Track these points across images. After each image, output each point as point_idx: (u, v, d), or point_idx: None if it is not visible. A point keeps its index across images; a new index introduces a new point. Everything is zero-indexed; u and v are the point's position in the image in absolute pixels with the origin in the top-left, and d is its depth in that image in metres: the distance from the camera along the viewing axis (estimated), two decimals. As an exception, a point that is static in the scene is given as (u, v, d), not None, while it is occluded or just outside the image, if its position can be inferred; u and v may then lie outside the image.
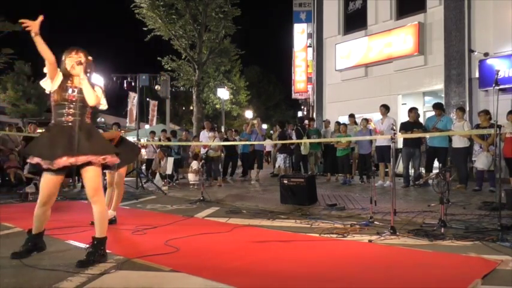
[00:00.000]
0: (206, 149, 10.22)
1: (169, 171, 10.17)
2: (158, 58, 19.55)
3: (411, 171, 8.94)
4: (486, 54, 10.25)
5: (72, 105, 3.32)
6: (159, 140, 12.64)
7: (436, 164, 8.55)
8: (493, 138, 7.05)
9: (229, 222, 5.17)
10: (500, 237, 3.87)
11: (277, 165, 11.04)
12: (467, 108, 10.40)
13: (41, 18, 3.21)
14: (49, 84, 3.36)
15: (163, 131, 13.12)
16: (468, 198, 6.63)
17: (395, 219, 4.56)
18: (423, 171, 8.89)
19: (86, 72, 3.38)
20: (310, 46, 21.90)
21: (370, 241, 4.02)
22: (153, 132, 13.72)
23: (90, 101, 3.35)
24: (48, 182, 3.30)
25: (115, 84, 9.74)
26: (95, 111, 3.53)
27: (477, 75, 10.50)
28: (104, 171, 5.11)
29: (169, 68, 19.48)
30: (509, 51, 9.96)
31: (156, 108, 17.28)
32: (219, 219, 5.40)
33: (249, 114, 33.82)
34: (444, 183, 4.78)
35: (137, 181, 9.37)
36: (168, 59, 19.68)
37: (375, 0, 13.25)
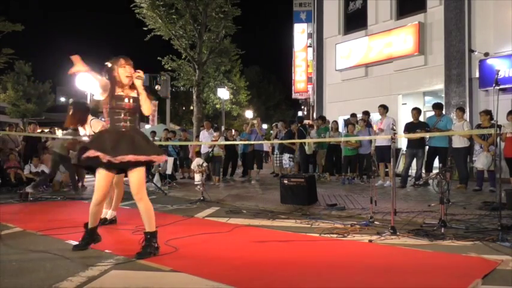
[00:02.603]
0: (211, 148, 10.21)
1: (169, 171, 10.17)
2: (158, 58, 19.54)
3: (411, 172, 8.92)
4: (486, 54, 10.25)
5: (127, 113, 3.58)
6: (160, 140, 12.64)
7: (436, 164, 8.54)
8: (493, 138, 7.04)
9: (229, 222, 5.17)
10: (500, 237, 3.88)
11: (285, 167, 10.98)
12: (468, 108, 10.39)
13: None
14: (101, 96, 3.60)
15: (166, 130, 13.10)
16: (468, 198, 6.62)
17: (395, 219, 4.56)
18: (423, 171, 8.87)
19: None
20: (310, 46, 21.91)
21: (370, 241, 4.02)
22: (153, 132, 13.73)
23: (146, 111, 3.65)
24: (103, 179, 3.53)
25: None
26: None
27: (477, 75, 10.50)
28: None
29: (169, 68, 19.46)
30: (509, 51, 9.95)
31: (156, 108, 17.27)
32: (219, 219, 5.40)
33: (249, 114, 33.81)
34: (444, 183, 4.78)
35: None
36: (168, 59, 19.65)
37: (375, 0, 13.25)
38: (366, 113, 10.72)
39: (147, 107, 3.63)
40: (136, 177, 3.53)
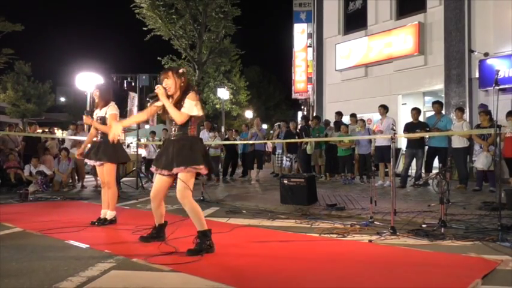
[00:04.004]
0: (207, 148, 10.22)
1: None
2: (158, 58, 19.56)
3: (410, 172, 8.92)
4: (486, 54, 10.25)
5: (172, 121, 3.67)
6: (160, 140, 12.64)
7: (436, 164, 8.54)
8: (493, 138, 7.04)
9: (229, 222, 5.17)
10: (500, 237, 3.87)
11: (284, 167, 10.95)
12: (467, 109, 10.40)
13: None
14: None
15: (165, 129, 13.10)
16: (468, 198, 6.63)
17: (395, 219, 4.55)
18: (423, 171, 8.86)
19: (167, 96, 3.67)
20: (310, 46, 21.87)
21: (370, 241, 4.02)
22: (153, 132, 13.74)
23: (176, 120, 3.62)
24: (156, 181, 3.83)
25: (115, 84, 9.74)
26: (200, 121, 3.92)
27: (477, 75, 10.50)
28: (92, 164, 5.13)
29: (169, 68, 19.45)
30: (509, 51, 9.95)
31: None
32: (219, 219, 5.39)
33: (249, 114, 33.79)
34: (444, 183, 4.78)
35: (137, 181, 9.37)
36: (168, 59, 19.67)
37: (375, 0, 13.25)
38: (339, 114, 11.09)
39: (174, 116, 3.60)
40: (178, 185, 3.60)
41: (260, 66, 46.54)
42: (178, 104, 3.63)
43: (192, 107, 3.60)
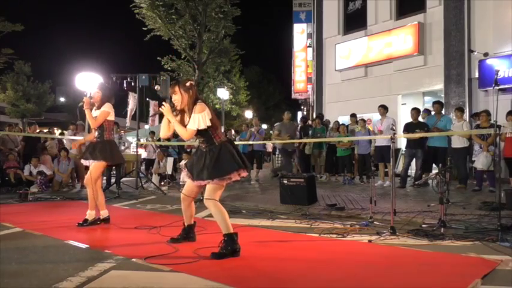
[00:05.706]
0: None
1: (169, 171, 10.16)
2: (158, 58, 19.57)
3: (410, 172, 8.92)
4: (486, 54, 10.25)
5: (198, 134, 3.62)
6: (159, 139, 12.63)
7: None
8: (493, 138, 7.05)
9: (229, 222, 5.16)
10: (500, 237, 3.88)
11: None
12: (467, 109, 10.40)
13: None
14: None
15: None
16: (468, 198, 6.63)
17: (395, 219, 4.56)
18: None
19: (182, 111, 3.69)
20: (310, 46, 21.87)
21: (370, 241, 4.02)
22: (152, 133, 13.73)
23: (183, 137, 3.69)
24: (187, 183, 3.83)
25: (115, 84, 9.72)
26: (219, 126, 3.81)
27: (477, 75, 10.50)
28: (87, 164, 5.10)
29: (169, 68, 19.49)
30: (509, 51, 9.95)
31: (156, 108, 17.30)
32: (219, 219, 5.39)
33: (249, 114, 33.79)
34: (444, 183, 4.79)
35: (137, 181, 9.37)
36: (168, 59, 19.69)
37: (374, 0, 13.25)
38: (319, 116, 11.34)
39: (181, 134, 3.65)
40: (207, 186, 3.58)
41: (260, 66, 46.61)
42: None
43: (197, 120, 3.54)
